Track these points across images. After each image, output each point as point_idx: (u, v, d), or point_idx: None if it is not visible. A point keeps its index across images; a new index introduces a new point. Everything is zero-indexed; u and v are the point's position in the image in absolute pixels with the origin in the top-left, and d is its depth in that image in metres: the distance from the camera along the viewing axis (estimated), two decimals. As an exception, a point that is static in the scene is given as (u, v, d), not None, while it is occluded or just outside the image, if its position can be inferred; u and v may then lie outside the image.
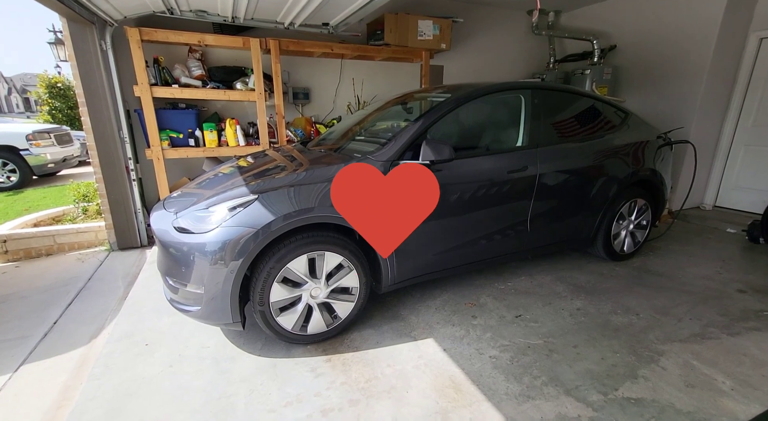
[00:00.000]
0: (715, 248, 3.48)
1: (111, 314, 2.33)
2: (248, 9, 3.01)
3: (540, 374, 1.77)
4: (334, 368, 1.81)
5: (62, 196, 5.40)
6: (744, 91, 4.32)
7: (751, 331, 2.10)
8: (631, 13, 4.76)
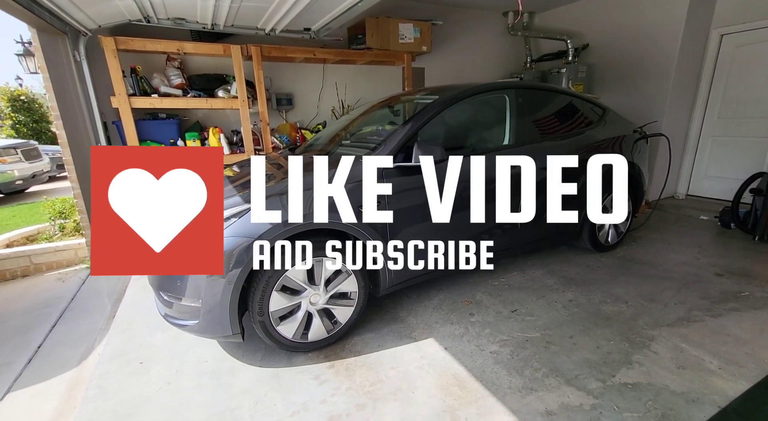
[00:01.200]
0: (691, 234, 3.66)
1: (100, 334, 2.24)
2: (228, 15, 2.98)
3: (540, 366, 1.81)
4: (338, 374, 1.80)
5: (34, 214, 5.16)
6: (709, 85, 4.56)
7: (732, 312, 2.21)
8: (600, 13, 4.96)
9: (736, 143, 4.45)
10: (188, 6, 2.67)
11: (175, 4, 2.66)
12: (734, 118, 4.43)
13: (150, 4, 2.53)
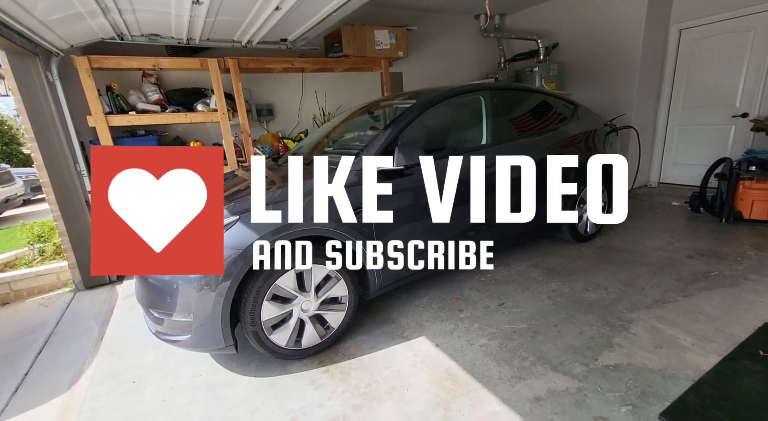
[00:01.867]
0: (664, 220, 3.83)
1: (89, 357, 2.21)
2: (204, 30, 2.99)
3: (528, 355, 1.88)
4: (333, 378, 1.83)
5: (11, 240, 5.00)
6: (672, 77, 4.79)
7: (703, 291, 2.35)
8: (567, 13, 5.16)
9: (700, 131, 4.69)
10: (162, 22, 2.68)
11: (149, 21, 2.66)
12: (697, 107, 4.67)
13: (123, 21, 2.53)
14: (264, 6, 2.43)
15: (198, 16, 2.51)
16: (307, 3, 2.49)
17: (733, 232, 3.34)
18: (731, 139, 4.41)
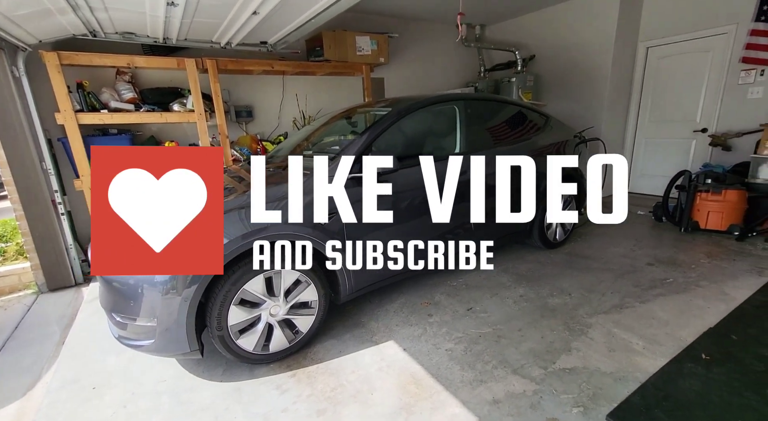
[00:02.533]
0: (630, 229, 4.01)
1: (48, 362, 2.14)
2: (181, 30, 2.97)
3: (490, 359, 1.95)
4: (300, 382, 1.84)
5: (-29, 238, 4.76)
6: (639, 92, 5.04)
7: (658, 297, 2.48)
8: (544, 27, 5.35)
9: (665, 144, 4.94)
10: (137, 21, 2.64)
11: (123, 20, 2.62)
12: (662, 121, 4.92)
13: (95, 19, 2.48)
14: (241, 11, 2.44)
15: (174, 17, 2.49)
16: (285, 9, 2.51)
17: (691, 241, 3.54)
18: (692, 152, 4.67)
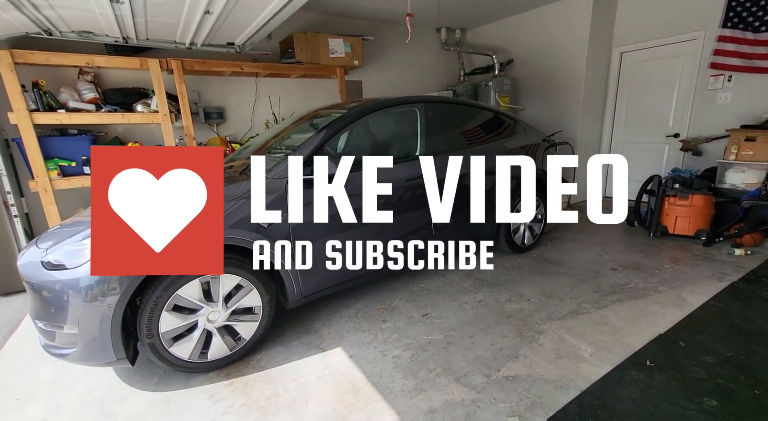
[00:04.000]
0: (601, 233, 3.99)
1: (-19, 370, 2.06)
2: (138, 31, 2.91)
3: (435, 366, 1.90)
4: (235, 392, 1.78)
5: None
6: (615, 96, 5.06)
7: (615, 303, 2.45)
8: (521, 31, 5.37)
9: (640, 148, 4.96)
10: (89, 20, 2.58)
11: (75, 18, 2.56)
12: (637, 126, 4.94)
13: (44, 17, 2.42)
14: (193, 9, 2.39)
15: (124, 16, 2.44)
16: (239, 8, 2.47)
17: (658, 245, 3.53)
18: (666, 157, 4.69)
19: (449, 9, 4.92)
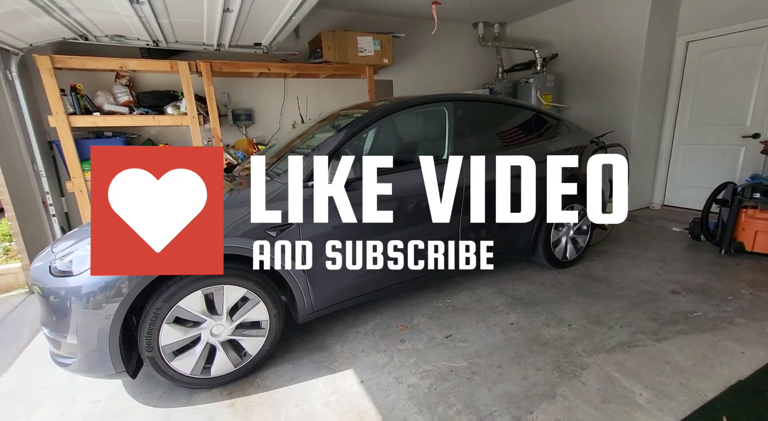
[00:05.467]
0: (659, 248, 3.51)
1: (3, 369, 2.10)
2: (166, 33, 2.92)
3: (456, 401, 1.66)
4: (236, 414, 1.65)
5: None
6: (678, 93, 4.46)
7: (678, 335, 2.06)
8: (568, 23, 4.91)
9: (707, 151, 4.34)
10: (119, 24, 2.61)
11: (105, 22, 2.60)
12: (704, 125, 4.33)
13: (75, 21, 2.47)
14: (212, 8, 2.32)
15: (147, 17, 2.43)
16: (259, 6, 2.37)
17: (732, 265, 3.01)
18: (741, 161, 4.05)
19: (489, 3, 4.61)
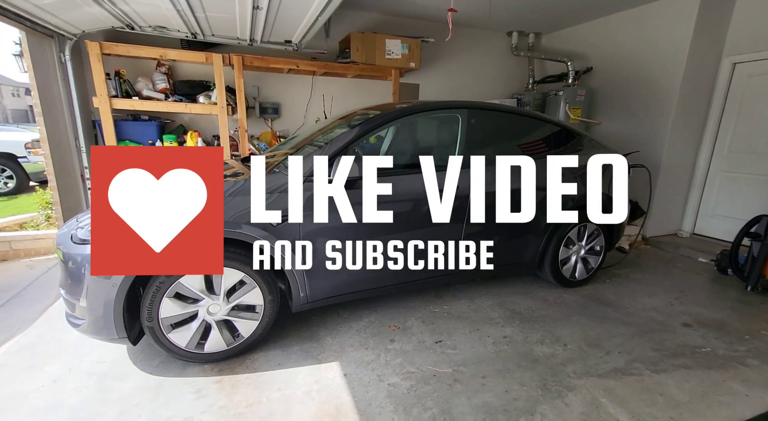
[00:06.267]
0: (679, 277, 3.33)
1: (28, 324, 2.31)
2: (202, 26, 3.09)
3: (433, 405, 1.67)
4: (221, 390, 1.74)
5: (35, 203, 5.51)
6: (719, 116, 4.21)
7: (679, 368, 1.96)
8: (606, 36, 4.75)
9: (747, 180, 4.06)
10: (159, 15, 2.80)
11: (148, 14, 2.80)
12: (746, 152, 4.06)
13: (121, 11, 2.67)
14: (243, 4, 2.45)
15: (184, 10, 2.59)
16: (287, 4, 2.47)
17: (757, 304, 2.81)
18: (782, 194, 3.77)
19: (526, 12, 4.53)
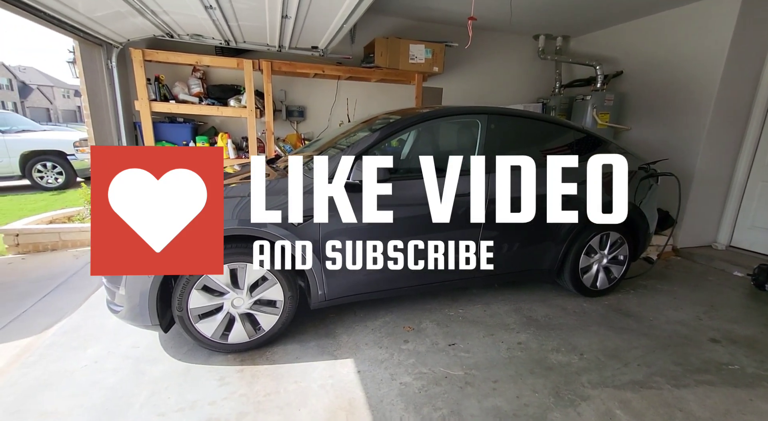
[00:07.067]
0: (711, 291, 3.18)
1: (74, 309, 2.52)
2: (235, 34, 3.27)
3: (443, 406, 1.70)
4: (242, 379, 1.84)
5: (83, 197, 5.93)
6: (761, 123, 3.99)
7: (702, 384, 1.89)
8: (637, 39, 4.61)
9: (789, 191, 3.83)
10: (197, 25, 2.99)
11: (186, 23, 2.99)
12: (791, 162, 3.83)
13: (162, 22, 2.87)
14: (273, 14, 2.58)
15: (219, 20, 2.75)
16: (314, 13, 2.58)
17: (795, 321, 2.65)
18: (830, 206, 3.53)
19: (553, 14, 4.47)
